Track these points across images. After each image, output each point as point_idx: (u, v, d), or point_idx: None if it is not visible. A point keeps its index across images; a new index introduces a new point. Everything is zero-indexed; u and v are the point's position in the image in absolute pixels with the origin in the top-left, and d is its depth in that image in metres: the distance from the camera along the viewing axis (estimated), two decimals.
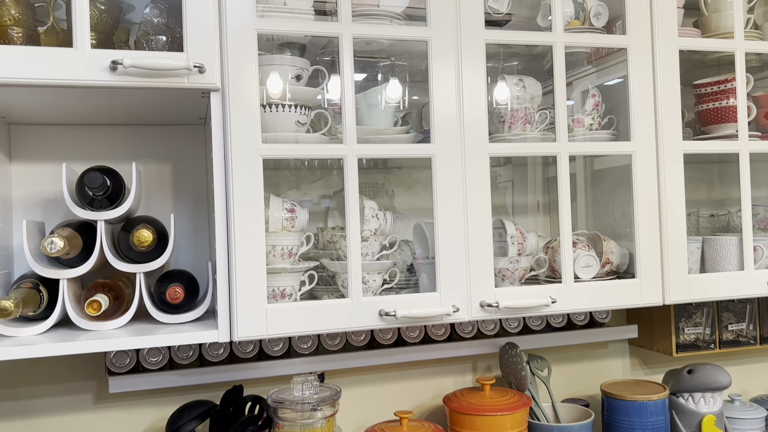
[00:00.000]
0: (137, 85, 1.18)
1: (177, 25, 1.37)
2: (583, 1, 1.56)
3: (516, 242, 1.50)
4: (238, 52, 1.24)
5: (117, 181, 1.33)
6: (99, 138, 1.54)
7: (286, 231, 1.37)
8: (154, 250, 1.34)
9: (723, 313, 1.87)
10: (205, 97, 1.28)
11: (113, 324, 1.30)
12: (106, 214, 1.30)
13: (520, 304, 1.37)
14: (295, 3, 1.34)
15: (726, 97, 1.64)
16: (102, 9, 1.32)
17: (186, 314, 1.35)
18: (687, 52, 1.55)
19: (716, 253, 1.60)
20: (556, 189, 1.45)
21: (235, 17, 1.24)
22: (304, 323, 1.27)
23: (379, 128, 1.45)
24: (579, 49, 1.59)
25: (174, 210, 1.58)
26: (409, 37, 1.37)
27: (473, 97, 1.38)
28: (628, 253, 1.57)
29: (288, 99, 1.37)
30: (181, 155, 1.60)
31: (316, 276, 1.40)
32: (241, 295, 1.24)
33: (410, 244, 1.64)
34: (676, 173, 1.50)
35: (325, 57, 1.51)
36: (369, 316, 1.31)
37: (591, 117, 1.57)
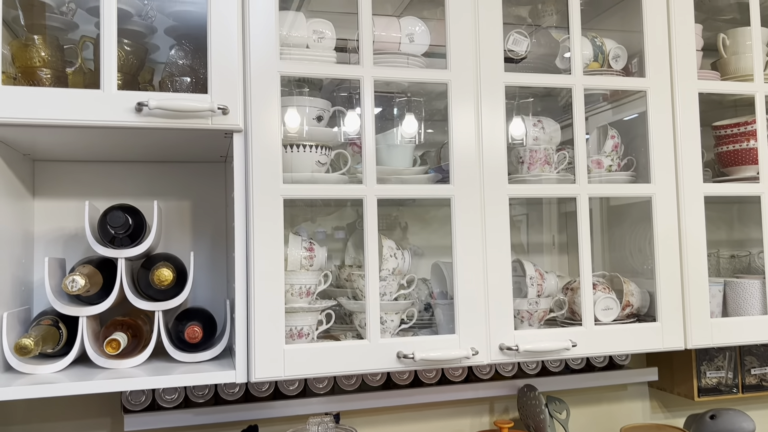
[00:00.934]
0: (162, 126, 1.20)
1: (201, 66, 1.39)
2: (602, 44, 1.57)
3: (535, 283, 1.49)
4: (261, 94, 1.26)
5: (138, 219, 1.34)
6: (121, 174, 1.56)
7: (304, 270, 1.37)
8: (173, 287, 1.34)
9: (746, 357, 1.83)
10: (228, 137, 1.30)
11: (131, 362, 1.30)
12: (126, 252, 1.30)
13: (540, 348, 1.36)
14: (318, 45, 1.37)
15: (746, 139, 1.63)
16: (128, 50, 1.34)
17: (203, 353, 1.34)
18: (706, 93, 1.55)
19: (738, 297, 1.58)
20: (573, 224, 1.44)
21: (259, 60, 1.26)
22: (322, 365, 1.27)
23: (399, 168, 1.46)
24: (598, 91, 1.60)
25: (193, 246, 1.59)
26: (430, 80, 1.38)
27: (492, 138, 1.39)
28: (649, 295, 1.56)
29: (308, 139, 1.38)
30: (200, 192, 1.61)
31: (333, 315, 1.40)
32: (260, 335, 1.23)
33: (427, 283, 1.63)
34: (696, 216, 1.49)
35: (342, 93, 1.52)
36: (387, 358, 1.30)
37: (610, 158, 1.57)
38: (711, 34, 1.71)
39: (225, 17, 1.24)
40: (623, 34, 1.62)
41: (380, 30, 1.43)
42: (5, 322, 1.24)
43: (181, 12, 1.39)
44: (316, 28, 1.38)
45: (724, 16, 1.79)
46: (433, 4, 1.57)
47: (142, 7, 1.38)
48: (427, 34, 1.47)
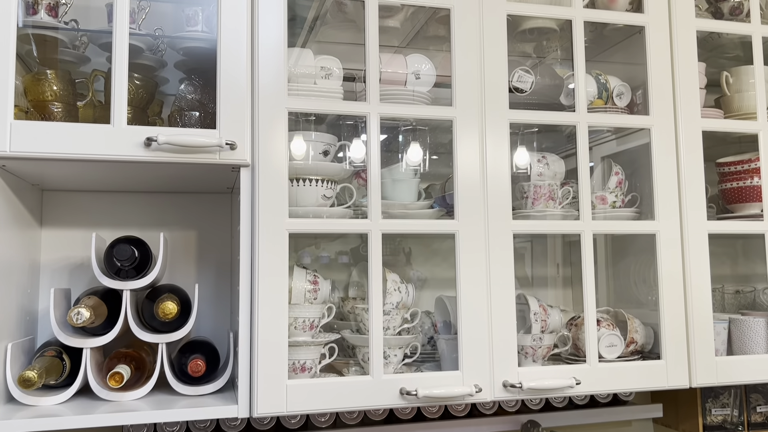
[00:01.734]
0: (170, 160, 1.22)
1: (210, 101, 1.41)
2: (606, 81, 1.59)
3: (539, 319, 1.49)
4: (269, 130, 1.28)
5: (144, 250, 1.35)
6: (128, 204, 1.57)
7: (308, 303, 1.37)
8: (177, 319, 1.34)
9: (751, 394, 1.82)
10: (235, 171, 1.31)
11: (133, 395, 1.30)
12: (132, 283, 1.31)
13: (543, 386, 1.35)
14: (325, 82, 1.39)
15: (750, 176, 1.64)
16: (138, 84, 1.37)
17: (206, 386, 1.34)
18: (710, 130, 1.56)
19: (743, 335, 1.58)
20: (577, 253, 1.44)
21: (267, 96, 1.28)
22: (324, 401, 1.26)
23: (403, 202, 1.47)
24: (602, 128, 1.61)
25: (197, 277, 1.60)
26: (436, 117, 1.40)
27: (497, 175, 1.40)
28: (653, 332, 1.55)
29: (314, 173, 1.39)
30: (206, 223, 1.62)
31: (336, 349, 1.40)
32: (263, 370, 1.23)
33: (431, 315, 1.63)
34: (701, 254, 1.49)
35: (348, 121, 1.54)
36: (390, 395, 1.29)
37: (614, 194, 1.58)
38: (715, 70, 1.73)
39: (234, 54, 1.26)
40: (627, 68, 1.64)
41: (386, 66, 1.45)
42: (9, 353, 1.25)
43: (191, 48, 1.41)
44: (323, 64, 1.40)
45: (727, 54, 1.81)
46: (440, 40, 1.60)
47: (153, 43, 1.41)
48: (432, 71, 1.49)
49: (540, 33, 1.64)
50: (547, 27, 1.60)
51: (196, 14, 1.37)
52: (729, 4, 1.69)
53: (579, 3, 1.50)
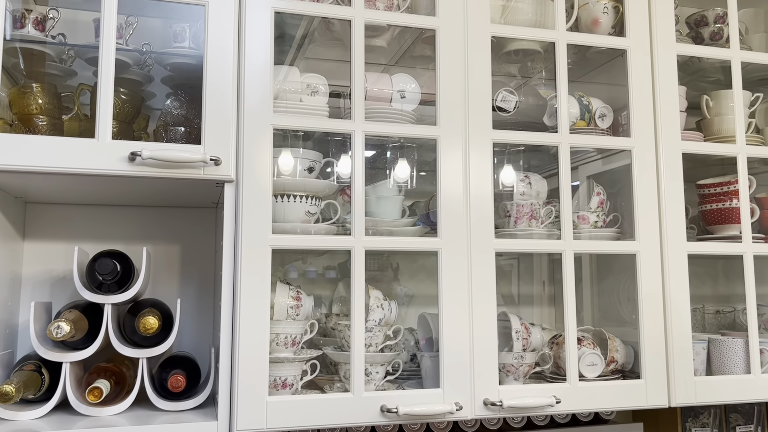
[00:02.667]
0: (154, 175, 1.22)
1: (196, 116, 1.42)
2: (588, 103, 1.61)
3: (521, 337, 1.50)
4: (254, 146, 1.28)
5: (127, 265, 1.35)
6: (111, 218, 1.57)
7: (290, 319, 1.37)
8: (158, 334, 1.34)
9: (731, 414, 1.83)
10: (219, 186, 1.31)
11: (113, 410, 1.29)
12: (114, 298, 1.31)
13: (523, 404, 1.35)
14: (311, 99, 1.40)
15: (729, 198, 1.66)
16: (124, 99, 1.37)
17: (186, 401, 1.33)
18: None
19: (722, 355, 1.59)
20: (561, 273, 1.45)
21: (253, 113, 1.29)
22: (305, 417, 1.26)
23: (387, 219, 1.48)
24: (584, 149, 1.63)
25: (180, 291, 1.59)
26: (420, 136, 1.41)
27: (480, 193, 1.41)
28: (633, 352, 1.56)
29: (299, 189, 1.40)
30: (190, 237, 1.62)
31: (318, 365, 1.40)
32: (243, 387, 1.23)
33: (414, 333, 1.63)
34: (680, 275, 1.51)
35: (336, 137, 1.54)
36: (371, 412, 1.29)
37: (596, 214, 1.60)
38: (696, 94, 1.76)
39: (220, 70, 1.27)
40: (610, 89, 1.66)
41: (372, 84, 1.47)
42: None
43: (178, 63, 1.42)
44: (310, 81, 1.41)
45: (708, 78, 1.84)
46: (425, 59, 1.62)
47: (140, 58, 1.42)
48: (418, 90, 1.50)
49: (525, 54, 1.67)
50: (531, 49, 1.62)
51: (184, 31, 1.38)
52: (709, 30, 1.72)
53: (562, 26, 1.52)
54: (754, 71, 1.76)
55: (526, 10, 1.58)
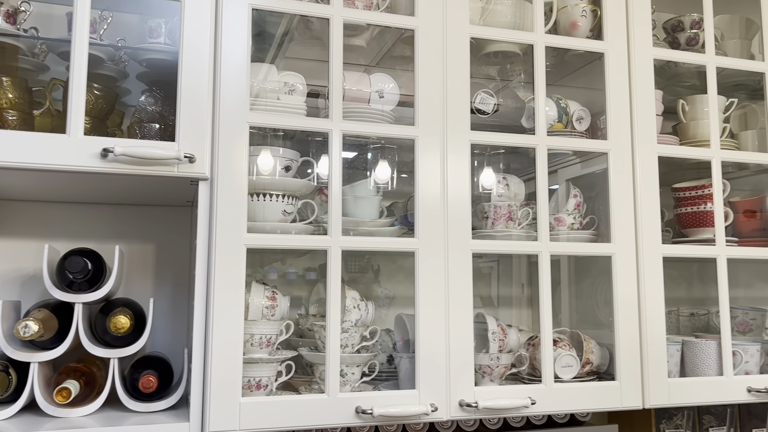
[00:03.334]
0: (127, 172, 1.20)
1: (171, 113, 1.40)
2: (566, 106, 1.62)
3: (497, 338, 1.50)
4: (230, 144, 1.27)
5: (98, 263, 1.33)
6: (84, 216, 1.54)
7: (265, 319, 1.36)
8: (131, 334, 1.32)
9: (704, 416, 1.85)
10: (194, 184, 1.30)
11: (82, 411, 1.26)
12: (84, 297, 1.28)
13: (499, 405, 1.35)
14: (288, 98, 1.39)
15: (704, 202, 1.68)
16: (98, 95, 1.35)
17: (158, 402, 1.31)
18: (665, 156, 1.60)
19: (696, 357, 1.61)
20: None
21: (229, 110, 1.28)
22: (279, 419, 1.25)
23: (365, 220, 1.47)
24: (564, 151, 1.64)
25: (154, 291, 1.57)
26: (397, 135, 1.41)
27: (458, 194, 1.41)
28: (608, 353, 1.57)
29: (275, 188, 1.39)
30: (165, 236, 1.60)
31: (293, 367, 1.38)
32: (216, 387, 1.21)
33: (391, 334, 1.63)
34: (655, 277, 1.52)
35: (316, 137, 1.53)
36: (345, 413, 1.28)
37: (572, 216, 1.61)
38: (672, 98, 1.78)
39: (196, 67, 1.26)
40: (588, 94, 1.67)
41: (351, 84, 1.46)
42: None
43: (153, 59, 1.41)
44: (287, 80, 1.40)
45: (684, 83, 1.86)
46: (405, 60, 1.61)
47: (115, 53, 1.39)
48: (396, 90, 1.50)
49: (504, 56, 1.67)
50: (510, 51, 1.63)
51: (159, 26, 1.37)
52: (685, 35, 1.74)
53: (541, 28, 1.53)
54: (728, 77, 1.78)
55: (505, 12, 1.58)
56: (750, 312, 1.79)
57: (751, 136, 1.80)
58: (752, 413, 1.91)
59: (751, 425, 1.89)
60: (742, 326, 1.78)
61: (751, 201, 1.77)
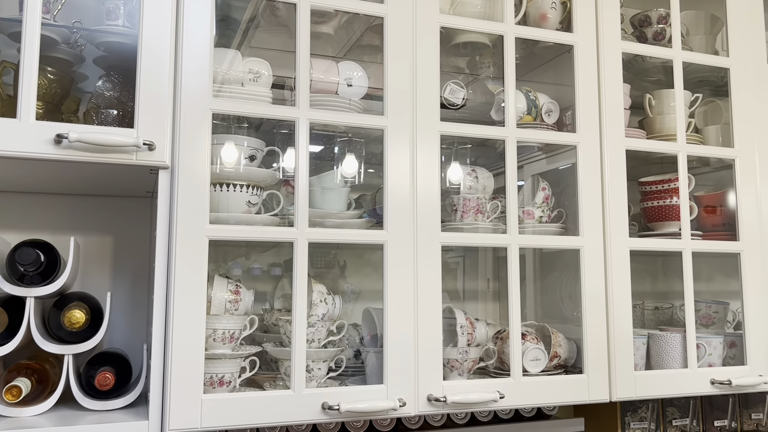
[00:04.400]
0: (82, 159, 1.14)
1: (130, 99, 1.34)
2: (535, 98, 1.61)
3: (466, 332, 1.48)
4: (191, 131, 1.22)
5: (52, 255, 1.26)
6: (37, 207, 1.47)
7: (228, 314, 1.32)
8: (86, 329, 1.26)
9: (668, 408, 1.87)
10: (154, 173, 1.25)
11: (34, 410, 1.21)
12: (36, 290, 1.22)
13: (467, 399, 1.34)
14: (253, 85, 1.34)
15: (669, 195, 1.69)
16: (52, 79, 1.29)
17: (115, 401, 1.26)
18: (633, 150, 1.60)
19: (661, 350, 1.62)
20: (507, 268, 1.44)
21: (191, 96, 1.23)
22: (242, 415, 1.21)
23: (332, 211, 1.43)
24: (530, 144, 1.63)
25: (112, 285, 1.51)
26: (366, 125, 1.38)
27: (427, 186, 1.39)
28: (576, 346, 1.57)
29: (240, 179, 1.34)
30: (124, 228, 1.54)
31: (258, 362, 1.34)
32: (176, 384, 1.17)
33: (358, 328, 1.60)
34: (622, 269, 1.53)
35: (282, 130, 1.50)
36: (311, 410, 1.25)
37: (541, 210, 1.60)
38: (639, 93, 1.78)
39: (157, 51, 1.20)
40: (557, 89, 1.67)
41: (318, 72, 1.42)
42: None
43: (111, 43, 1.35)
44: (252, 67, 1.36)
45: (651, 77, 1.87)
46: (374, 50, 1.58)
47: (70, 36, 1.33)
48: (365, 78, 1.47)
49: (473, 48, 1.66)
50: (480, 42, 1.61)
51: (117, 8, 1.31)
52: (652, 30, 1.75)
53: (511, 19, 1.51)
54: (694, 72, 1.80)
55: (475, 2, 1.57)
56: (713, 305, 1.82)
57: (714, 131, 1.82)
58: (714, 405, 1.93)
59: (713, 417, 1.92)
60: (706, 319, 1.80)
61: (714, 196, 1.79)
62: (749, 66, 1.75)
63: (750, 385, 1.60)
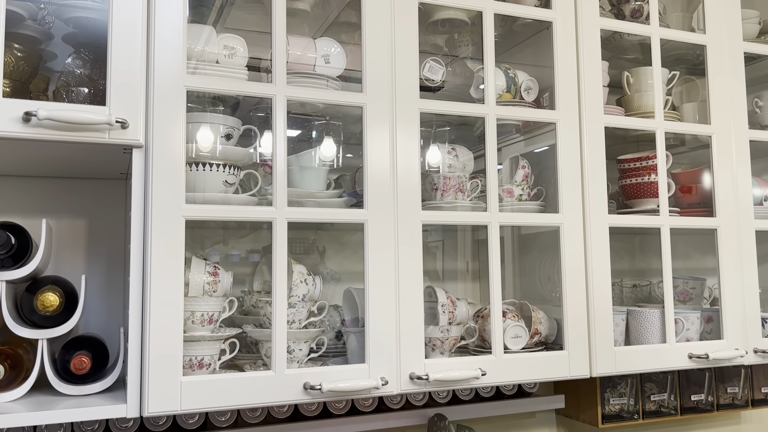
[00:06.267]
0: (53, 138, 1.11)
1: (101, 77, 1.31)
2: (514, 75, 1.60)
3: (447, 311, 1.48)
4: (165, 109, 1.19)
5: (24, 238, 1.23)
6: (9, 190, 1.44)
7: (207, 295, 1.30)
8: (60, 313, 1.24)
9: (646, 384, 1.89)
10: (127, 152, 1.22)
11: (8, 396, 1.18)
12: (8, 274, 1.19)
13: (449, 377, 1.34)
14: (229, 61, 1.32)
15: (648, 173, 1.70)
16: (19, 56, 1.25)
17: (92, 385, 1.24)
18: (611, 128, 1.61)
19: (640, 325, 1.63)
20: (486, 251, 1.45)
21: (164, 73, 1.20)
22: (223, 397, 1.19)
23: (312, 191, 1.42)
24: (510, 122, 1.63)
25: (87, 269, 1.48)
26: (345, 102, 1.36)
27: (407, 164, 1.37)
28: (556, 323, 1.58)
29: (216, 158, 1.32)
30: (98, 211, 1.50)
31: (238, 344, 1.33)
32: (154, 366, 1.15)
33: (339, 310, 1.59)
34: (602, 246, 1.53)
35: (259, 113, 1.47)
36: (293, 390, 1.24)
37: (521, 188, 1.60)
38: (616, 72, 1.79)
39: (128, 26, 1.17)
40: (535, 69, 1.66)
41: (295, 49, 1.40)
42: None
43: (81, 18, 1.30)
44: (227, 43, 1.33)
45: (628, 56, 1.87)
46: (352, 27, 1.56)
47: (37, 12, 1.29)
48: (342, 56, 1.45)
49: (452, 25, 1.64)
50: (458, 19, 1.60)
51: None
52: (630, 7, 1.75)
53: None
54: (671, 49, 1.80)
55: None
56: (690, 281, 1.84)
57: (691, 109, 1.83)
58: (690, 380, 1.96)
59: (690, 391, 1.95)
60: (683, 295, 1.82)
61: (691, 173, 1.81)
62: (725, 43, 1.76)
63: (726, 359, 1.62)
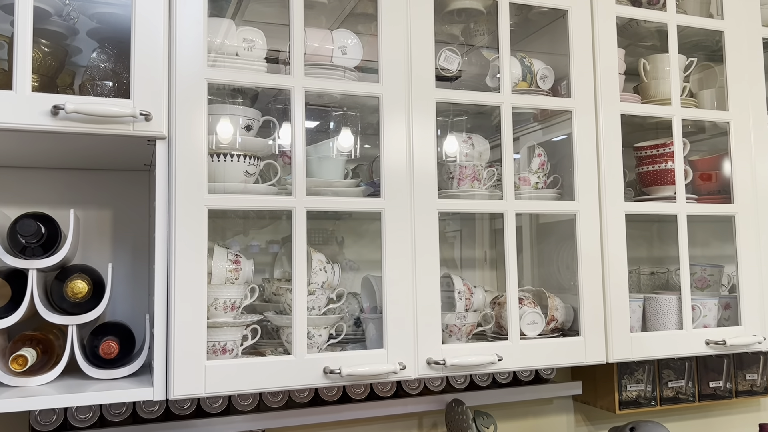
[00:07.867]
0: (79, 131, 1.15)
1: (125, 71, 1.34)
2: (530, 64, 1.61)
3: (464, 297, 1.50)
4: (187, 101, 1.22)
5: (53, 228, 1.27)
6: (37, 181, 1.48)
7: (229, 283, 1.33)
8: (89, 300, 1.28)
9: (663, 370, 1.90)
10: (151, 144, 1.25)
11: (40, 380, 1.23)
12: (38, 262, 1.23)
13: (466, 362, 1.36)
14: (248, 54, 1.34)
15: (665, 160, 1.70)
16: (46, 51, 1.28)
17: (120, 369, 1.28)
18: (628, 116, 1.61)
19: (657, 312, 1.64)
20: (503, 240, 1.46)
21: (185, 66, 1.23)
22: (245, 381, 1.23)
23: (330, 180, 1.44)
24: (527, 110, 1.64)
25: (113, 258, 1.52)
26: (361, 93, 1.38)
27: (423, 153, 1.39)
28: (573, 310, 1.59)
29: (237, 148, 1.35)
30: (122, 201, 1.55)
31: (259, 330, 1.36)
32: (180, 351, 1.19)
33: (358, 297, 1.62)
34: (618, 233, 1.54)
35: (277, 105, 1.50)
36: (313, 374, 1.27)
37: (537, 176, 1.61)
38: (633, 59, 1.78)
39: (150, 21, 1.20)
40: (551, 57, 1.67)
41: (312, 41, 1.42)
42: None
43: (104, 14, 1.34)
44: (246, 36, 1.36)
45: (645, 43, 1.87)
46: (368, 18, 1.58)
47: (63, 8, 1.32)
48: (359, 47, 1.47)
49: (467, 15, 1.65)
50: (474, 8, 1.61)
51: None
52: None
53: None
54: (688, 36, 1.80)
55: None
56: (708, 268, 1.84)
57: (709, 96, 1.82)
58: (708, 367, 1.97)
59: (708, 378, 1.95)
60: (701, 282, 1.83)
61: (709, 160, 1.80)
62: (743, 28, 1.75)
63: (744, 345, 1.63)
